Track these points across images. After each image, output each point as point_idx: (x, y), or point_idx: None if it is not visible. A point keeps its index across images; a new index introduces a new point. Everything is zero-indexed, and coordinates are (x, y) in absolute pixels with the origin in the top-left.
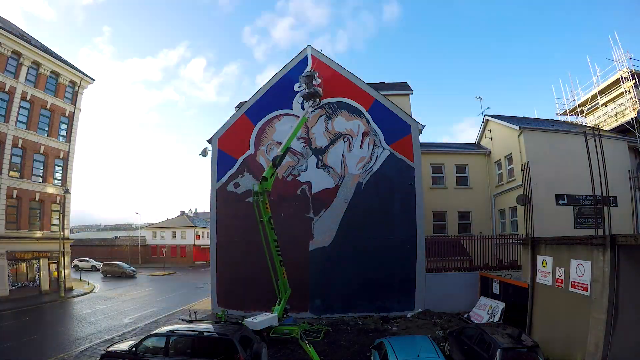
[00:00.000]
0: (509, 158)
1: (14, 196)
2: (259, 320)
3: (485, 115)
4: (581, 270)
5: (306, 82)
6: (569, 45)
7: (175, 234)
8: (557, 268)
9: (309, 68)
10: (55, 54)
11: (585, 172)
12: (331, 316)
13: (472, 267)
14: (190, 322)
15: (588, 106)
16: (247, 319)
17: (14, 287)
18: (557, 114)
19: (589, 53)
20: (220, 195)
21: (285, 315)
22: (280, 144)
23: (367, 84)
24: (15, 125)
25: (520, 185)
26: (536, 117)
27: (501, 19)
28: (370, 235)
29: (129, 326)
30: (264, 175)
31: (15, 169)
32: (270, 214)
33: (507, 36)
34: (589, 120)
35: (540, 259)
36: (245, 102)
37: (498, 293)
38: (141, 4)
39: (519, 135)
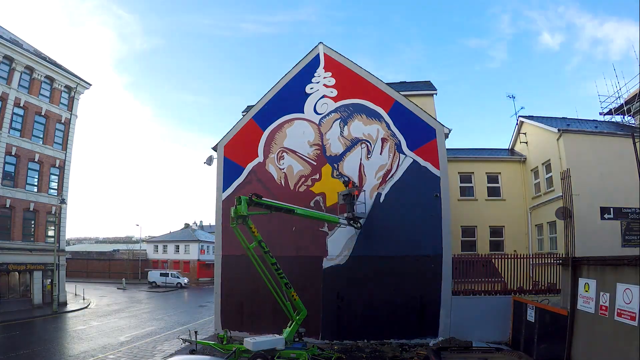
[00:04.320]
0: (547, 165)
1: (7, 206)
2: (258, 340)
3: (519, 116)
4: (629, 296)
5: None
6: (612, 36)
7: (178, 248)
8: (601, 293)
9: (321, 66)
10: (50, 58)
11: (635, 181)
12: (344, 342)
13: (504, 290)
14: (190, 344)
15: (636, 104)
16: (246, 339)
17: (4, 300)
18: (600, 113)
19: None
20: (227, 207)
21: (296, 339)
22: (292, 151)
23: (387, 83)
24: (9, 132)
25: (560, 197)
26: (577, 117)
27: (533, 7)
28: (391, 253)
29: (124, 345)
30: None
31: (8, 177)
32: (260, 237)
33: (542, 28)
34: (639, 120)
35: (582, 282)
36: (253, 105)
37: (533, 320)
38: None
39: (557, 139)
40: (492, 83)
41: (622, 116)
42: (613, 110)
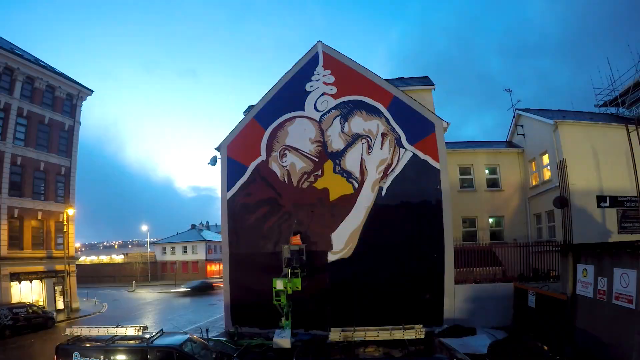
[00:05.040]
0: (544, 156)
1: (15, 216)
2: (288, 337)
3: (516, 109)
4: (625, 281)
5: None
6: (606, 30)
7: (185, 249)
8: (599, 278)
9: (320, 64)
10: (50, 66)
11: (630, 170)
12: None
13: (505, 278)
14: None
15: (630, 96)
16: (275, 339)
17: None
18: (596, 105)
19: (629, 39)
20: (232, 206)
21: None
22: (294, 148)
23: (385, 79)
24: (13, 142)
25: (557, 187)
26: (573, 110)
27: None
28: (394, 245)
29: None
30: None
31: (15, 187)
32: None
33: (536, 25)
34: (633, 112)
35: (580, 267)
36: (254, 105)
37: (534, 306)
38: None
39: (554, 130)
40: (488, 79)
41: (616, 108)
42: (608, 103)
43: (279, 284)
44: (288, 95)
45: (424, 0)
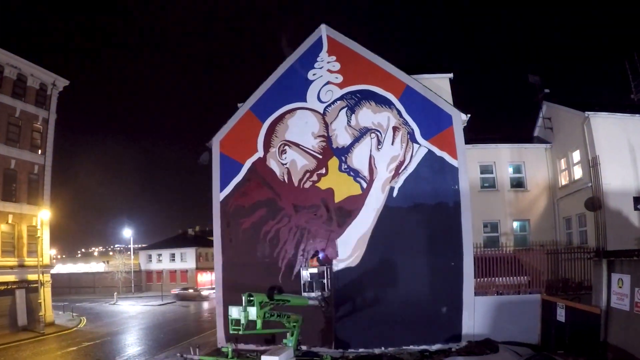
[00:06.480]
0: (575, 152)
1: None
2: (281, 356)
3: (542, 100)
4: None
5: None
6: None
7: (173, 257)
8: (636, 289)
9: (324, 50)
10: (20, 52)
11: None
12: (359, 350)
13: (531, 289)
14: None
15: None
16: (263, 356)
17: None
18: (632, 95)
19: None
20: (225, 209)
21: (298, 347)
22: (295, 143)
23: (397, 66)
24: None
25: (589, 187)
26: (606, 100)
27: None
28: (406, 252)
29: None
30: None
31: None
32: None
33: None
34: None
35: (615, 277)
36: (250, 95)
37: (563, 321)
38: None
39: (585, 123)
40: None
41: None
42: None
43: (234, 312)
44: (288, 84)
45: None
